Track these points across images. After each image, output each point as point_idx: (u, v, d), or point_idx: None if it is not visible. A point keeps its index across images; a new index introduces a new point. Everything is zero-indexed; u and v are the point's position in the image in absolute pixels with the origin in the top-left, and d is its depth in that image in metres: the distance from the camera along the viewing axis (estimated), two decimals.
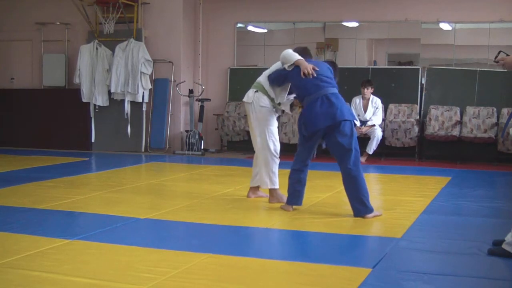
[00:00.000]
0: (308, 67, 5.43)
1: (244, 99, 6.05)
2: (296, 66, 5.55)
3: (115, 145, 10.93)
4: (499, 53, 4.39)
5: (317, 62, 5.65)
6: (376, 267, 3.76)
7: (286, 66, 5.66)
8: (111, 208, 5.66)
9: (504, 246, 4.04)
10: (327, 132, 5.32)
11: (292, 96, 5.94)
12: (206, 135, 11.05)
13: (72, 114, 11.25)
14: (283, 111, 6.25)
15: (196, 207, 5.77)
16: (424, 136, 9.66)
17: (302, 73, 5.43)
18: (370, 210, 5.29)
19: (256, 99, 5.92)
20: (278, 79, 5.82)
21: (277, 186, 5.95)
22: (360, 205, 5.29)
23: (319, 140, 5.48)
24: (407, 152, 9.77)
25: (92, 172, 8.77)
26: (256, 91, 5.98)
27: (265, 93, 5.92)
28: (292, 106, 6.05)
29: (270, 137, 5.97)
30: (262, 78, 6.03)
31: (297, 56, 5.60)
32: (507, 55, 4.30)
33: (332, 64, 5.80)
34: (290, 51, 5.71)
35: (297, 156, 5.59)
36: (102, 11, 10.88)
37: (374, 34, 11.07)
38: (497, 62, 4.28)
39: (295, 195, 5.53)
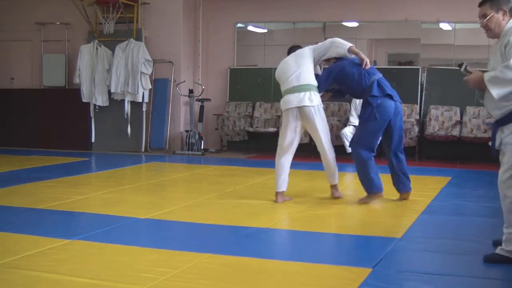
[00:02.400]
0: (365, 58, 5.79)
1: (306, 103, 5.85)
2: (341, 59, 5.86)
3: (115, 145, 10.93)
4: (463, 65, 4.26)
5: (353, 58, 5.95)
6: (376, 267, 3.76)
7: (343, 53, 5.87)
8: (111, 208, 5.65)
9: (498, 251, 3.99)
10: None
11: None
12: (206, 135, 11.05)
13: (72, 114, 11.25)
14: None
15: (196, 207, 5.77)
16: (424, 136, 9.65)
17: (363, 62, 5.77)
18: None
19: (319, 101, 5.94)
20: (333, 72, 5.94)
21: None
22: (408, 180, 5.91)
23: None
24: (407, 152, 9.71)
25: (92, 172, 8.77)
26: (311, 93, 5.89)
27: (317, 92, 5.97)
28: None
29: (329, 135, 6.12)
30: (311, 79, 5.95)
31: (349, 43, 5.89)
32: (467, 71, 4.18)
33: None
34: (340, 40, 6.00)
35: (368, 146, 5.76)
36: (102, 11, 10.88)
37: (374, 34, 11.07)
38: (464, 71, 4.19)
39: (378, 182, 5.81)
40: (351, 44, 5.93)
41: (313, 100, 5.86)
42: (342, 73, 5.88)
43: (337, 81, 6.00)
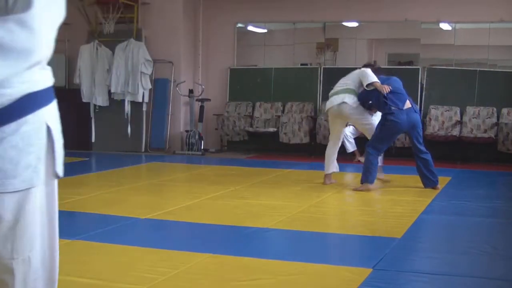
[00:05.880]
0: (383, 89, 6.63)
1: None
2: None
3: (115, 145, 10.93)
4: None
5: (387, 78, 6.88)
6: (376, 267, 3.76)
7: (365, 86, 6.83)
8: (111, 208, 5.65)
9: None
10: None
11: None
12: (206, 135, 11.05)
13: (72, 114, 11.24)
14: None
15: (196, 207, 5.77)
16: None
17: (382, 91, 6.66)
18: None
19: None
20: (365, 97, 6.94)
21: None
22: (434, 177, 6.78)
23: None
24: (407, 152, 9.74)
25: (92, 172, 8.78)
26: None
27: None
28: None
29: None
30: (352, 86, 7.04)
31: (374, 78, 6.76)
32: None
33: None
34: (368, 72, 6.85)
35: (376, 148, 6.75)
36: (102, 11, 10.88)
37: (374, 34, 11.08)
38: None
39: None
40: (374, 80, 6.78)
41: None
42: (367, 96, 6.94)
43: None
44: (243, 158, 10.01)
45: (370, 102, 6.95)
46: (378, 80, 6.78)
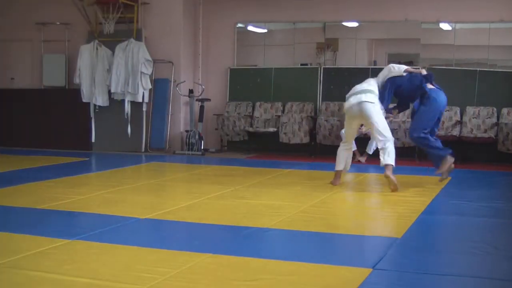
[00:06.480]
0: (420, 71, 7.12)
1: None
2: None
3: (115, 145, 10.93)
4: None
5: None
6: (376, 267, 3.76)
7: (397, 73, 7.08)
8: (111, 208, 5.65)
9: None
10: None
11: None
12: (206, 135, 11.05)
13: (72, 114, 11.25)
14: None
15: (196, 207, 5.77)
16: None
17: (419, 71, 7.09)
18: None
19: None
20: (387, 87, 7.11)
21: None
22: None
23: None
24: (407, 152, 9.76)
25: (92, 172, 8.78)
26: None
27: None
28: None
29: None
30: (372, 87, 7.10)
31: (404, 66, 7.14)
32: None
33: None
34: (395, 64, 7.18)
35: (425, 129, 7.06)
36: (102, 11, 10.88)
37: (374, 34, 11.07)
38: None
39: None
40: (406, 67, 7.15)
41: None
42: (395, 84, 7.08)
43: (396, 90, 7.14)
44: (243, 158, 10.01)
45: (397, 96, 7.18)
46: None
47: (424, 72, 7.16)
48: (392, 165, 6.75)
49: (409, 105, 7.69)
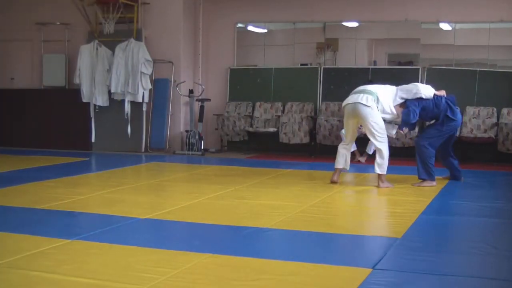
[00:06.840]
0: (442, 92, 7.21)
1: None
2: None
3: (115, 145, 10.93)
4: None
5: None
6: (376, 267, 3.76)
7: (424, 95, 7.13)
8: (111, 208, 5.65)
9: None
10: None
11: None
12: (206, 135, 11.05)
13: (72, 114, 11.25)
14: None
15: (196, 207, 5.77)
16: None
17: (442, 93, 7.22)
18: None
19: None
20: (415, 104, 7.13)
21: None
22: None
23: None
24: (407, 152, 9.76)
25: (92, 172, 8.77)
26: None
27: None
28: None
29: None
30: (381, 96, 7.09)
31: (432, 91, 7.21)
32: None
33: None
34: (421, 85, 7.42)
35: (435, 147, 7.13)
36: (102, 11, 10.88)
37: (374, 34, 11.07)
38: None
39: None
40: (434, 91, 7.21)
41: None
42: (422, 104, 7.12)
43: (422, 109, 7.14)
44: (243, 158, 10.01)
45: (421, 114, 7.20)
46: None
47: (443, 93, 7.26)
48: (383, 174, 6.92)
49: (415, 125, 7.83)
